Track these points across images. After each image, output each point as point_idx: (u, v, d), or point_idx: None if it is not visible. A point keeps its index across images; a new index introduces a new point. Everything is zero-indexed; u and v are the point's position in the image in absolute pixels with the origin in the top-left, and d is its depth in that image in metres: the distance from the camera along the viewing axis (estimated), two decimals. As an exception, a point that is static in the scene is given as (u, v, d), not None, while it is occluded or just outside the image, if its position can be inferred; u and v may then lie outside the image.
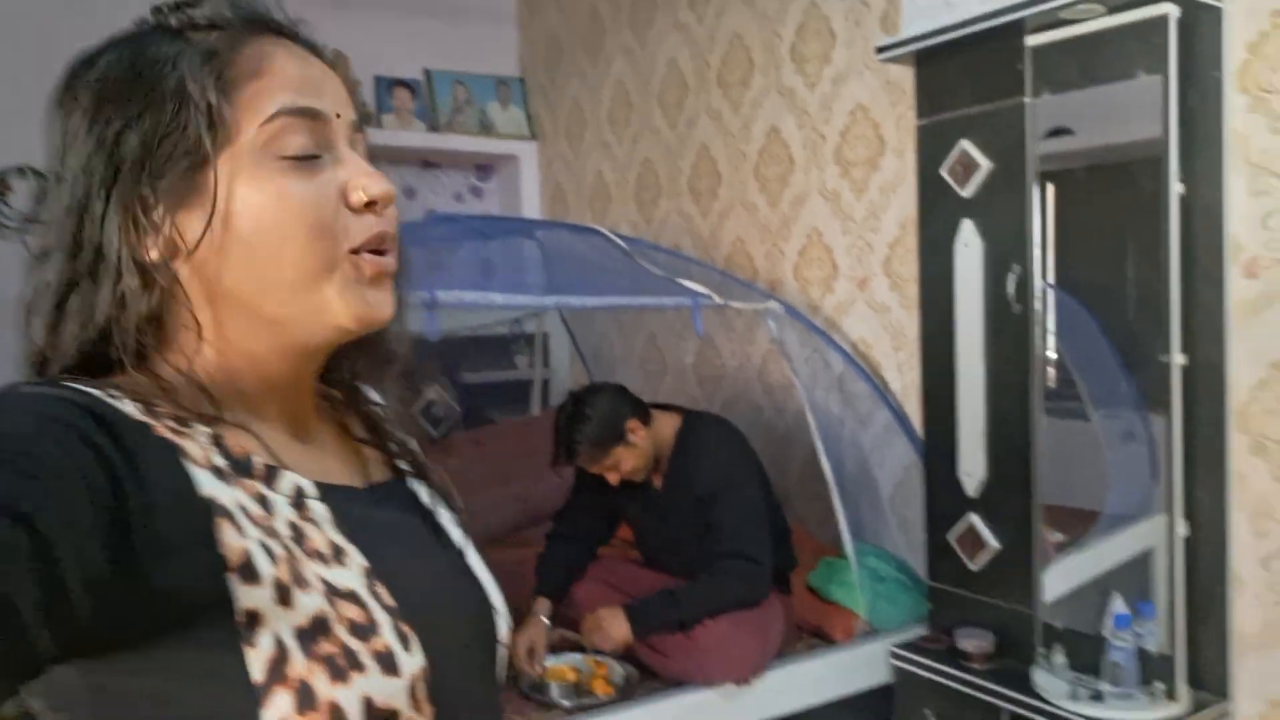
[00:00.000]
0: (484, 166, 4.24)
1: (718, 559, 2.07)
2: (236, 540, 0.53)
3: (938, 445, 2.16)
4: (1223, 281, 1.74)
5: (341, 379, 0.73)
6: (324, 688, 0.53)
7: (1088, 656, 1.87)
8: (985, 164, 1.99)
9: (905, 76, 2.35)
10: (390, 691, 0.56)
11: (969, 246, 2.04)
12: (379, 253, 0.61)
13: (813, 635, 2.32)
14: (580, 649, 2.13)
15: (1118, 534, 2.23)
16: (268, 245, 0.58)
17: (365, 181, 0.60)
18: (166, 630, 0.51)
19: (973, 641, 2.03)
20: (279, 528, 0.57)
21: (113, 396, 0.55)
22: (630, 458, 2.15)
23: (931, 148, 2.11)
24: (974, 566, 2.10)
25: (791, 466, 2.89)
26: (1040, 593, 1.98)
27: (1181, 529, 1.77)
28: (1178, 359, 1.74)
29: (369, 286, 0.61)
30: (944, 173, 2.07)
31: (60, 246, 0.58)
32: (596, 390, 2.20)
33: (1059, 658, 1.91)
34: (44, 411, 0.51)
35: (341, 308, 0.60)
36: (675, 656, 2.02)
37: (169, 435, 0.54)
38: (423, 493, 0.75)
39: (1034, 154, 1.91)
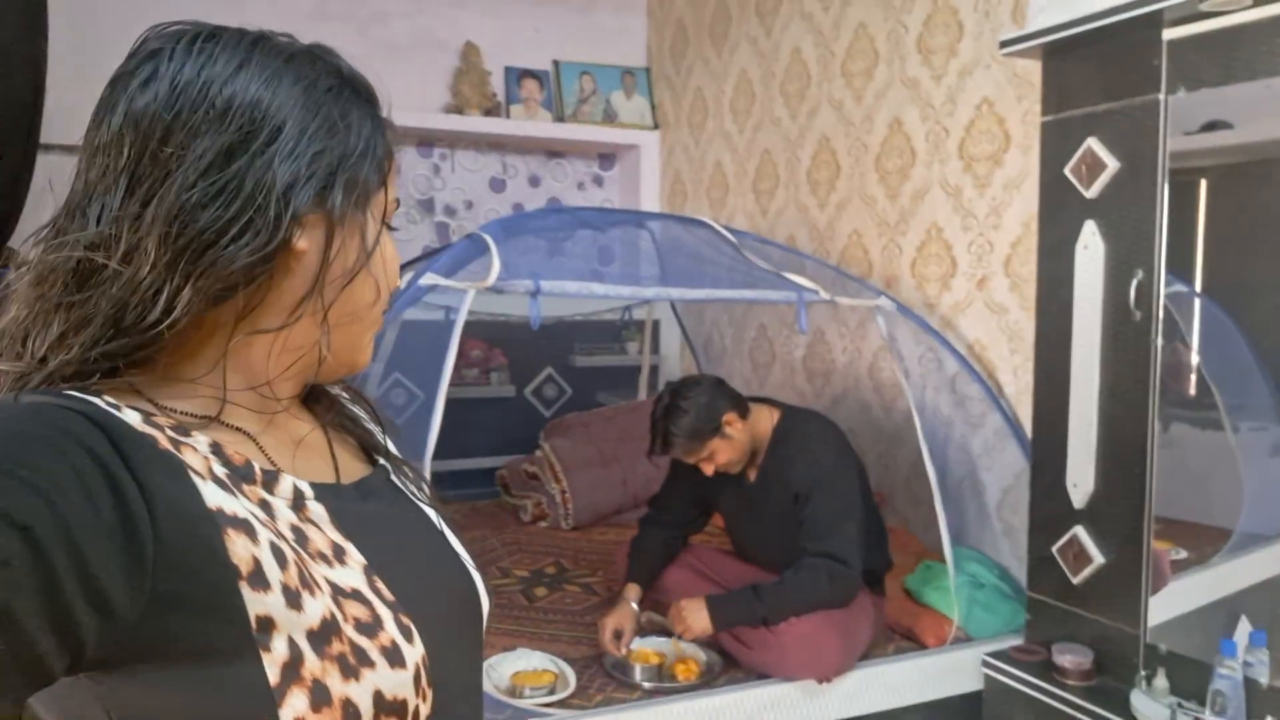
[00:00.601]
0: (606, 155, 4.30)
1: (806, 557, 2.06)
2: (246, 549, 0.55)
3: (1046, 454, 2.09)
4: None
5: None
6: (337, 685, 0.56)
7: (1193, 683, 1.78)
8: (1112, 164, 1.90)
9: (1033, 70, 2.27)
10: (398, 683, 0.59)
11: (1090, 249, 1.96)
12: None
13: (904, 638, 2.28)
14: (668, 633, 2.16)
15: (1247, 555, 2.12)
16: (371, 288, 0.68)
17: (396, 265, 0.72)
18: (181, 641, 0.53)
19: (1070, 657, 1.96)
20: (283, 531, 0.59)
21: (112, 405, 0.56)
22: (725, 450, 2.16)
23: (1056, 145, 2.03)
24: (1076, 580, 2.02)
25: (898, 466, 2.85)
26: (1146, 613, 1.89)
27: (1305, 557, 1.66)
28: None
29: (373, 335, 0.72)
30: (1068, 172, 1.99)
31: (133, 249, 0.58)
32: (694, 383, 2.21)
33: (1161, 681, 1.82)
34: (50, 422, 0.52)
35: (364, 346, 0.71)
36: (758, 649, 2.03)
37: (171, 449, 0.56)
38: (400, 479, 0.78)
39: (1166, 154, 1.82)
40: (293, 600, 0.56)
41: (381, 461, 0.77)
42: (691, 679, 2.02)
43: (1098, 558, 1.98)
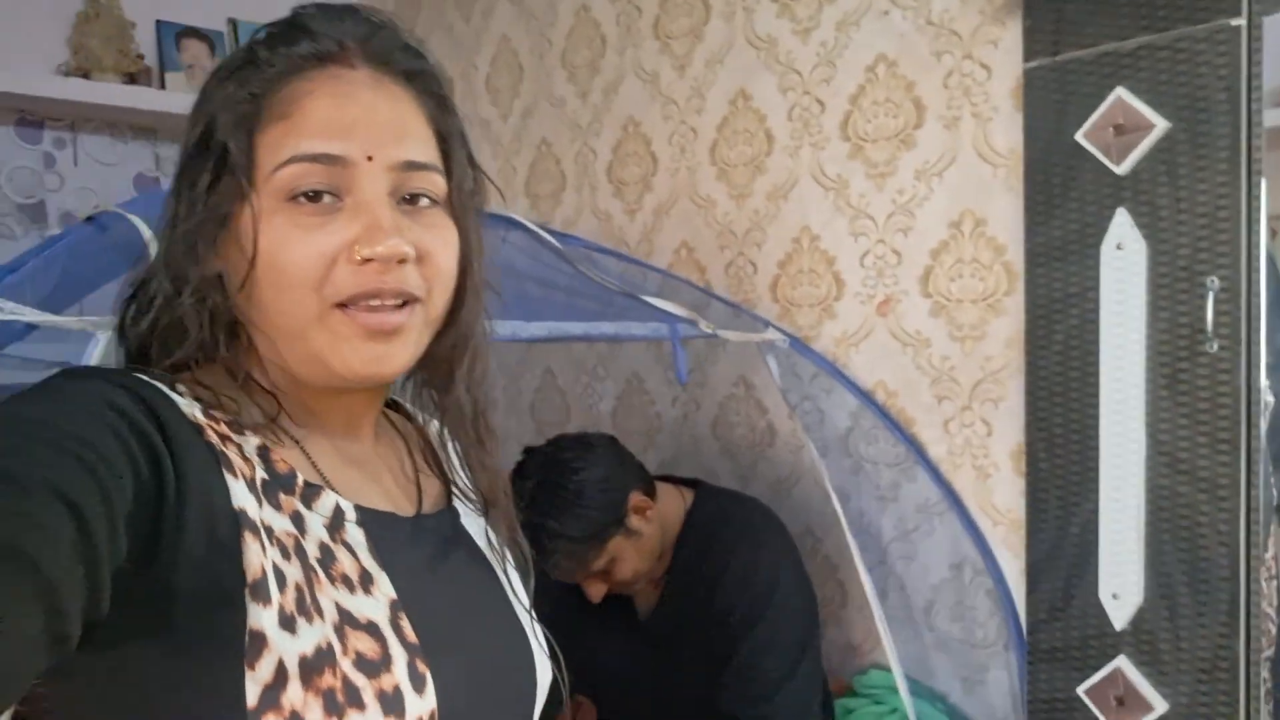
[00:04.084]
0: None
1: None
2: (257, 558, 0.53)
3: (1057, 550, 1.44)
4: None
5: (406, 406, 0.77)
6: None
7: None
8: (1160, 123, 1.30)
9: (958, 14, 1.66)
10: None
11: (1126, 250, 1.34)
12: (379, 308, 0.60)
13: (851, 834, 1.53)
14: None
15: None
16: (270, 290, 0.59)
17: (366, 237, 0.59)
18: (175, 636, 0.51)
19: None
20: (308, 547, 0.57)
21: (178, 392, 0.57)
22: (631, 556, 1.34)
23: (1053, 102, 1.41)
24: (1122, 736, 1.38)
25: (761, 557, 2.11)
26: (1256, 787, 1.28)
27: None
28: None
29: (366, 340, 0.60)
30: (1082, 139, 1.37)
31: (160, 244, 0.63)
32: (582, 447, 1.35)
33: None
34: (111, 402, 0.51)
35: (333, 357, 0.60)
36: None
37: (216, 442, 0.56)
38: (473, 525, 0.73)
39: (1253, 100, 1.24)
40: (286, 622, 0.53)
41: (454, 504, 0.73)
42: None
43: (1156, 701, 1.34)
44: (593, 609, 1.42)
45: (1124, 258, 1.34)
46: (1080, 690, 1.41)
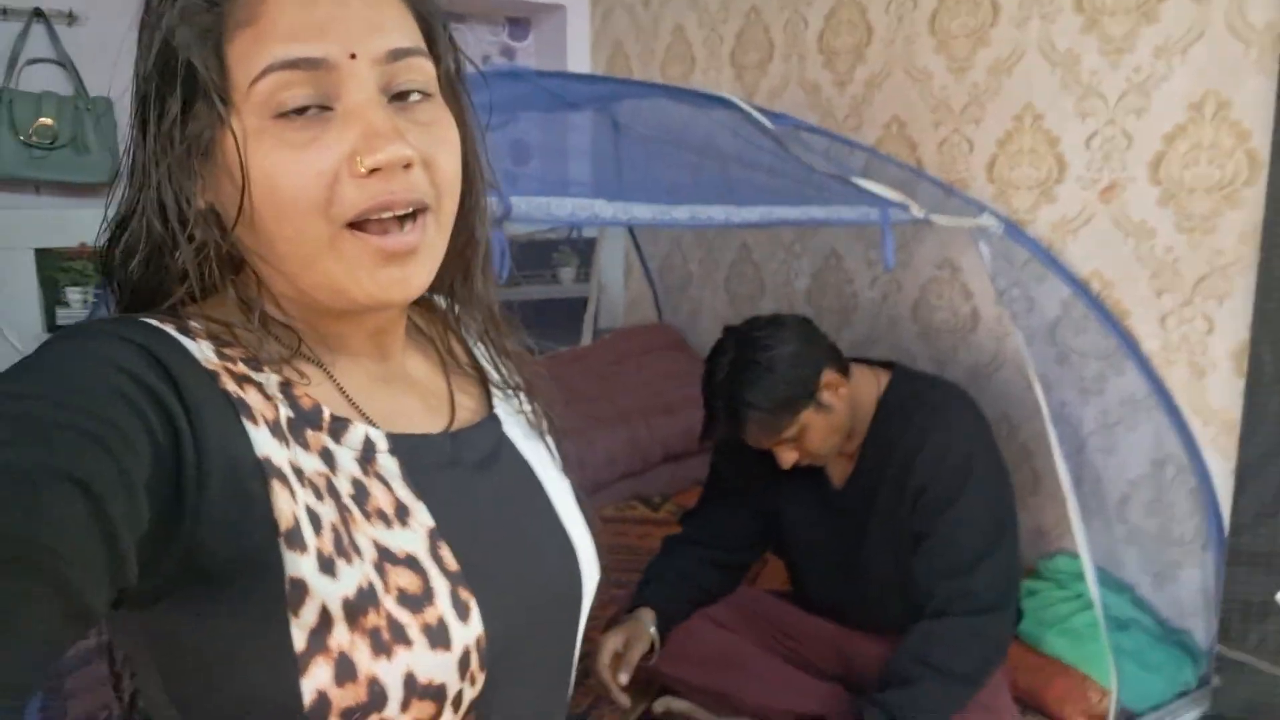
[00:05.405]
0: (518, 20, 3.36)
1: (932, 620, 1.34)
2: (288, 505, 0.52)
3: (1271, 455, 1.40)
4: None
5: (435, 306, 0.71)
6: (365, 661, 0.52)
7: None
8: None
9: None
10: (435, 665, 0.54)
11: (1394, 141, 1.23)
12: (392, 225, 0.55)
13: (1023, 704, 1.60)
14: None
15: None
16: (272, 219, 0.54)
17: (365, 146, 0.53)
18: (217, 594, 0.50)
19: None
20: (340, 485, 0.55)
21: (189, 333, 0.54)
22: (821, 428, 1.43)
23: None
24: (1322, 644, 1.37)
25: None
26: None
27: None
28: None
29: (384, 264, 0.55)
30: (1357, 15, 1.25)
31: (130, 178, 0.57)
32: (775, 326, 1.45)
33: None
34: (117, 363, 0.48)
35: (350, 285, 0.55)
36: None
37: (234, 389, 0.53)
38: (517, 431, 0.69)
39: None
40: (326, 566, 0.52)
41: (495, 411, 0.68)
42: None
43: (1365, 615, 1.32)
44: (789, 479, 1.51)
45: (1391, 151, 1.24)
46: (1279, 596, 1.40)
